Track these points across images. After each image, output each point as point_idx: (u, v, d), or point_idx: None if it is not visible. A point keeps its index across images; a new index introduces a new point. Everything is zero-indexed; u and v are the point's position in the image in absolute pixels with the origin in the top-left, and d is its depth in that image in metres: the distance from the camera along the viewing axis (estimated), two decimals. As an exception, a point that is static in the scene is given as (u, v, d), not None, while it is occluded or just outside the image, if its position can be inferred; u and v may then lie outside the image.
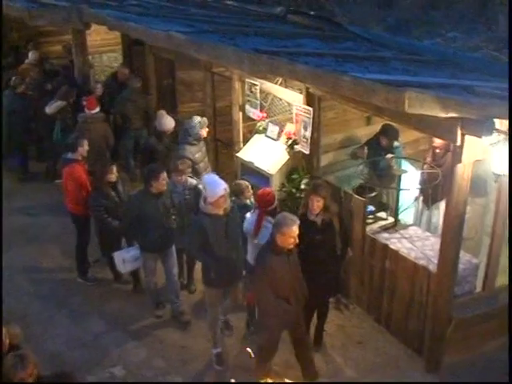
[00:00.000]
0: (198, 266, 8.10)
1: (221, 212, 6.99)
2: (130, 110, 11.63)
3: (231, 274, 7.28)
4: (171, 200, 8.08)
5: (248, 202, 7.97)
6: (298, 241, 6.42)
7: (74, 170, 8.77)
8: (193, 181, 8.44)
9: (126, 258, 8.29)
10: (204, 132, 9.51)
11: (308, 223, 7.05)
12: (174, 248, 8.23)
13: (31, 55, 13.71)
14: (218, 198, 6.87)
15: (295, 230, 6.34)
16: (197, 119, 9.47)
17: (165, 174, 7.86)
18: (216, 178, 7.13)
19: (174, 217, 8.13)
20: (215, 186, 6.91)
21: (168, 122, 10.09)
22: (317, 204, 7.07)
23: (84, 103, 10.80)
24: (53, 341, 8.00)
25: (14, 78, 12.10)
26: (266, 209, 7.31)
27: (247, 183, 8.14)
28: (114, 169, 8.49)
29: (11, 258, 9.48)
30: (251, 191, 8.07)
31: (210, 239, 7.00)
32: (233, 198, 7.92)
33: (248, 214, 7.53)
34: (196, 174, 9.23)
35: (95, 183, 8.51)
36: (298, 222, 6.42)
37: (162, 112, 10.26)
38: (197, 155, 9.40)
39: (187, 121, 9.56)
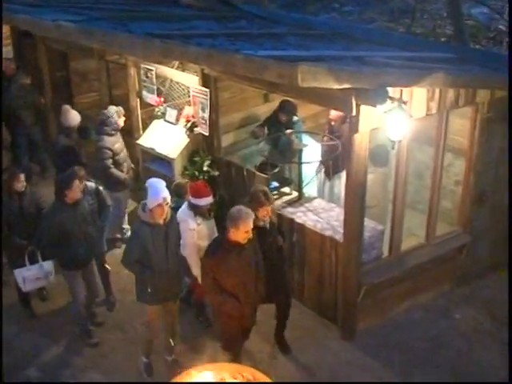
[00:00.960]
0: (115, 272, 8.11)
1: (160, 221, 6.66)
2: (20, 106, 11.15)
3: (169, 289, 6.93)
4: (88, 208, 7.63)
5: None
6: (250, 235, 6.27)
7: None
8: (92, 184, 8.02)
9: (26, 277, 7.77)
10: (121, 121, 9.24)
11: (262, 230, 6.78)
12: (94, 261, 7.90)
13: None
14: (155, 206, 6.55)
15: (251, 224, 6.20)
16: (113, 109, 9.19)
17: (77, 182, 7.38)
18: (160, 184, 6.71)
19: (90, 226, 7.65)
20: (155, 193, 6.58)
21: (74, 117, 9.74)
22: (269, 211, 6.93)
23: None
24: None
25: None
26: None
27: (186, 180, 8.10)
28: (22, 177, 7.87)
29: None
30: None
31: (148, 250, 6.66)
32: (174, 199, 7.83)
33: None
34: (117, 165, 9.12)
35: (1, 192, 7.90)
36: (253, 215, 6.30)
37: (67, 107, 9.85)
38: (116, 145, 9.15)
39: (104, 111, 9.25)
